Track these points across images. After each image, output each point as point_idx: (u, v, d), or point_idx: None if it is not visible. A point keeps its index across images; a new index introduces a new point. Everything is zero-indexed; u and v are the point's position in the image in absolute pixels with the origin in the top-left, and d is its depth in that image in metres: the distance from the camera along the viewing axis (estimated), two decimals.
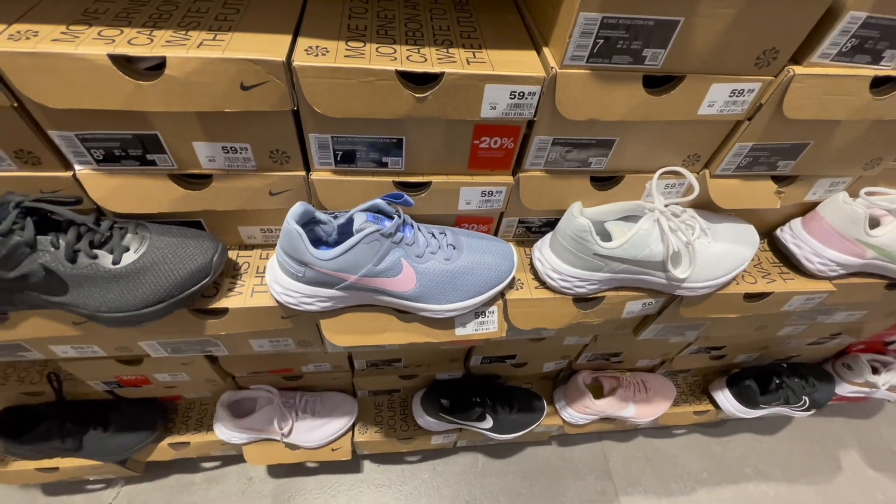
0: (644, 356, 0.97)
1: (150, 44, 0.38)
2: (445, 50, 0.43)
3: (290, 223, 0.45)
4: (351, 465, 1.09)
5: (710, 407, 1.07)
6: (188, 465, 1.06)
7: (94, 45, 0.37)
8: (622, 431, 1.20)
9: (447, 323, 0.55)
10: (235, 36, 0.40)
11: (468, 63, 0.42)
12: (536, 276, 0.58)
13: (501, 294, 0.56)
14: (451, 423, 0.92)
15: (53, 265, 0.44)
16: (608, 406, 0.96)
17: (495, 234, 0.61)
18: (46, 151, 0.43)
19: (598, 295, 0.58)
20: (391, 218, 0.48)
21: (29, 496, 0.98)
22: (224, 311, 0.52)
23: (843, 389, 1.09)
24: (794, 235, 0.62)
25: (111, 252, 0.46)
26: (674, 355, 0.98)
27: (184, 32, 0.40)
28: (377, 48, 0.42)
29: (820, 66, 0.44)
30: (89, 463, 0.86)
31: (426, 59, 0.41)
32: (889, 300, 0.69)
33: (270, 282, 0.50)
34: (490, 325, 0.56)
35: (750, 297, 0.60)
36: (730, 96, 0.45)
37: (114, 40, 0.38)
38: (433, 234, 0.52)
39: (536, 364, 0.95)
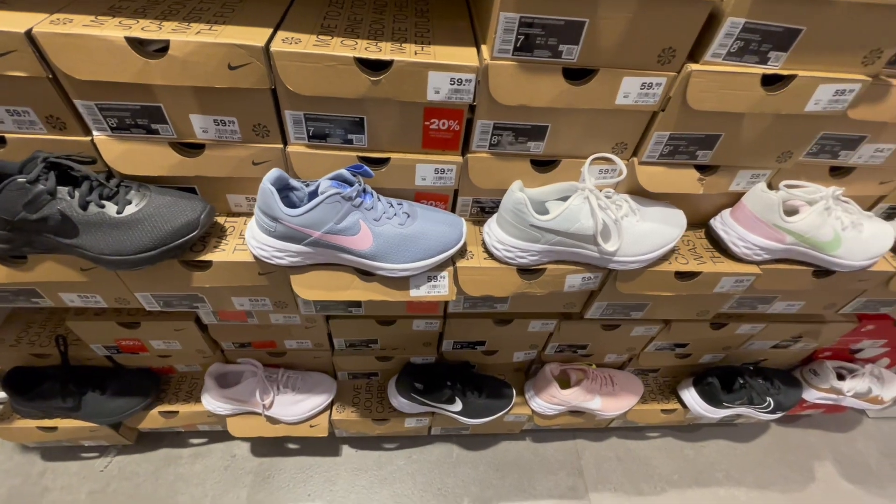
0: (610, 350, 1.02)
1: (158, 30, 0.48)
2: (399, 45, 0.52)
3: (266, 184, 0.53)
4: (329, 448, 1.14)
5: (678, 406, 1.11)
6: (177, 440, 1.12)
7: (115, 30, 0.47)
8: (595, 431, 1.23)
9: (402, 284, 0.62)
10: (228, 28, 0.50)
11: (415, 54, 0.51)
12: (486, 249, 0.66)
13: (452, 261, 0.64)
14: (422, 404, 0.98)
15: (68, 211, 0.53)
16: (574, 396, 1.00)
17: (452, 211, 0.69)
18: (71, 118, 0.53)
19: (540, 266, 0.64)
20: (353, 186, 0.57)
21: (28, 460, 1.05)
22: (208, 263, 0.60)
23: (811, 395, 1.11)
24: (723, 223, 0.68)
25: (116, 204, 0.55)
26: (639, 351, 1.02)
27: (186, 24, 0.50)
28: (342, 41, 0.51)
29: (713, 63, 0.52)
30: (86, 425, 0.93)
31: (381, 50, 0.50)
32: (822, 290, 0.74)
33: (248, 238, 0.58)
34: (441, 289, 0.63)
35: (681, 275, 0.67)
36: (641, 88, 0.54)
37: (130, 27, 0.48)
38: (391, 203, 0.60)
39: (506, 353, 1.00)
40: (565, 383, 1.04)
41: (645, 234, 0.62)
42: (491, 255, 0.65)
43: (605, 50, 0.50)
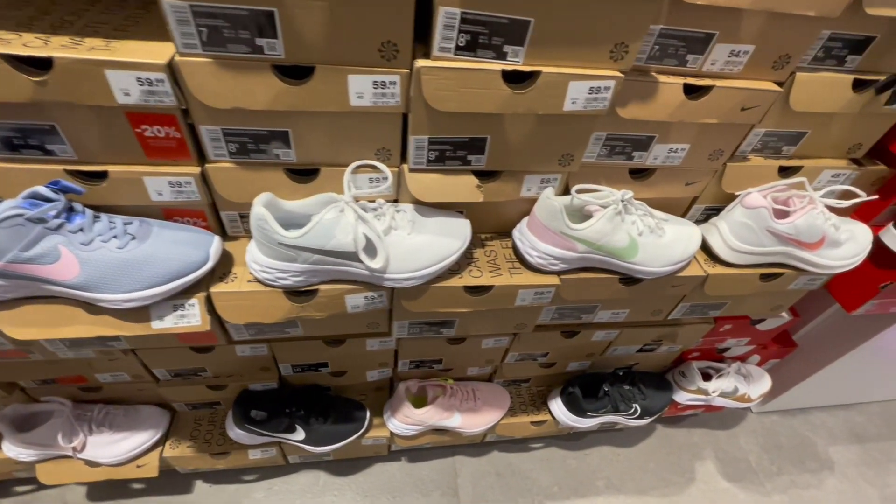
0: (468, 363, 0.97)
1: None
2: (81, 39, 0.44)
3: None
4: (180, 486, 1.04)
5: (549, 417, 1.07)
6: (2, 489, 0.99)
7: None
8: (475, 446, 1.18)
9: (141, 315, 0.54)
10: None
11: (91, 50, 0.43)
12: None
13: (206, 286, 0.56)
14: (261, 435, 0.90)
15: None
16: (429, 415, 0.95)
17: (221, 229, 0.61)
18: None
19: (311, 288, 0.58)
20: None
21: None
22: None
23: (681, 397, 1.10)
24: (520, 232, 0.64)
25: None
26: (499, 362, 0.98)
27: None
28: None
29: (444, 59, 0.47)
30: None
31: (46, 44, 0.42)
32: (639, 297, 0.71)
33: None
34: (192, 319, 0.55)
35: (472, 289, 0.62)
36: (375, 87, 0.48)
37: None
38: (114, 224, 0.52)
39: (357, 373, 0.93)
40: (423, 400, 0.99)
41: (418, 248, 0.56)
42: (255, 277, 0.58)
43: (313, 44, 0.44)
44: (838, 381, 1.30)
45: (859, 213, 0.80)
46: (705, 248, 0.71)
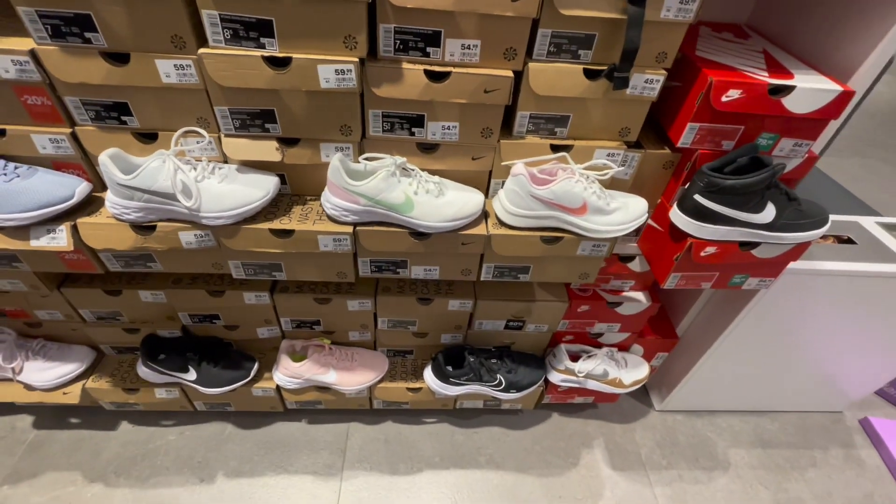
0: (345, 326, 1.11)
1: None
2: None
3: None
4: (107, 423, 1.22)
5: (424, 384, 1.17)
6: None
7: None
8: (371, 414, 1.29)
9: (22, 234, 0.74)
10: None
11: None
12: None
13: (75, 219, 0.75)
14: (160, 373, 1.07)
15: None
16: (305, 369, 1.09)
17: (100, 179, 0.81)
18: None
19: (150, 223, 0.76)
20: None
21: None
22: None
23: (554, 377, 1.17)
24: (325, 190, 0.80)
25: None
26: (372, 328, 1.11)
27: None
28: None
29: (219, 48, 0.65)
30: None
31: None
32: (438, 250, 0.83)
33: None
34: (60, 241, 0.75)
35: (278, 232, 0.77)
36: (176, 70, 0.67)
37: None
38: (8, 165, 0.73)
39: (248, 328, 1.10)
40: (305, 358, 1.12)
41: (224, 194, 0.73)
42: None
43: (125, 36, 0.64)
44: (750, 386, 1.31)
45: (668, 194, 0.89)
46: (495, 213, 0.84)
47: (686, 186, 0.81)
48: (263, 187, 0.76)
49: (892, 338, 1.16)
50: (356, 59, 0.67)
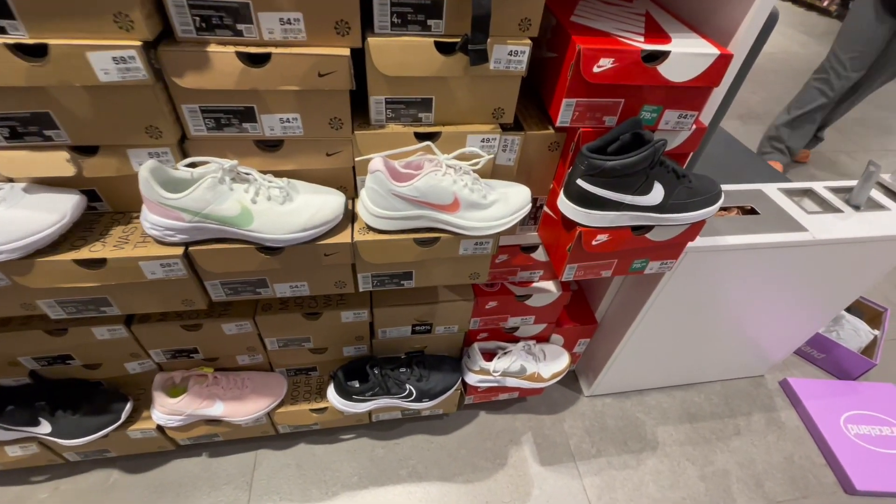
0: (228, 352, 0.98)
1: None
2: None
3: None
4: None
5: (329, 404, 1.07)
6: None
7: None
8: (280, 440, 1.18)
9: None
10: None
11: None
12: None
13: None
14: (5, 429, 0.91)
15: None
16: (185, 405, 0.95)
17: None
18: None
19: None
20: None
21: None
22: None
23: (470, 378, 1.10)
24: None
25: None
26: (261, 348, 0.99)
27: None
28: None
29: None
30: None
31: None
32: (297, 265, 0.72)
33: None
34: None
35: (84, 263, 0.63)
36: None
37: None
38: None
39: (112, 365, 0.95)
40: (185, 390, 0.99)
41: (6, 221, 0.58)
42: None
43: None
44: (674, 361, 1.29)
45: (559, 178, 0.81)
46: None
47: (570, 170, 0.73)
48: (59, 210, 0.61)
49: (804, 299, 1.16)
50: (138, 43, 0.53)
